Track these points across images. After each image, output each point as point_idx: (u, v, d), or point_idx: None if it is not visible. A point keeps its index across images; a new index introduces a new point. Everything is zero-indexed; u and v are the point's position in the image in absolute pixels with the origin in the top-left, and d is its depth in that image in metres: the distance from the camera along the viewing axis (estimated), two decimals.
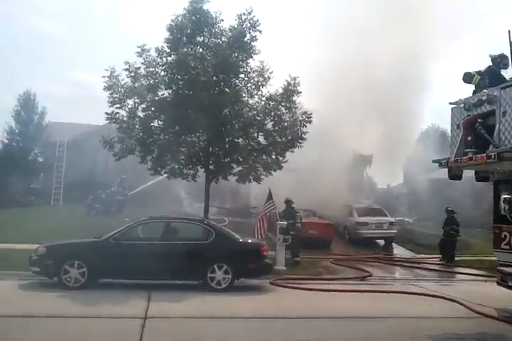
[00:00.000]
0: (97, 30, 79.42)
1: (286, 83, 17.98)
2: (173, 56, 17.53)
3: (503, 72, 10.64)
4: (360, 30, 25.47)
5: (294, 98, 18.01)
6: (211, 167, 18.07)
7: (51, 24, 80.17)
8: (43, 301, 10.46)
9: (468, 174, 11.45)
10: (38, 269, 12.13)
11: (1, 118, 62.39)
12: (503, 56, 10.62)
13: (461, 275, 16.58)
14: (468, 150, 10.25)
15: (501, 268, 10.65)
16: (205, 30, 17.84)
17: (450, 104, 11.33)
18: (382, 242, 23.20)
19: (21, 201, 32.32)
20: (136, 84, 17.74)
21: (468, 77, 10.94)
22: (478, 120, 10.20)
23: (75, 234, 14.03)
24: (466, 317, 10.09)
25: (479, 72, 10.84)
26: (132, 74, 17.72)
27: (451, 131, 11.32)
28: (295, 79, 17.99)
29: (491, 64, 10.76)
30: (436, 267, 17.98)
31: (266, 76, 18.16)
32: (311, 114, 17.83)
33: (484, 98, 10.07)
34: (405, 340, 8.35)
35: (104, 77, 17.58)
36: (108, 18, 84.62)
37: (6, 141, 39.55)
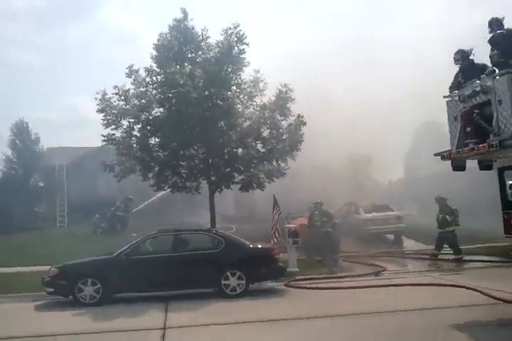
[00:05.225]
0: (84, 54, 79.16)
1: (278, 91, 18.07)
2: (162, 75, 17.56)
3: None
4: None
5: (288, 105, 18.08)
6: (213, 178, 18.12)
7: (31, 53, 80.00)
8: (61, 320, 10.55)
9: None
10: (52, 289, 12.29)
11: None
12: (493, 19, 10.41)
13: (475, 262, 16.49)
14: (468, 140, 10.30)
15: None
16: (192, 46, 17.90)
17: (444, 97, 11.37)
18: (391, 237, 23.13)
19: (28, 225, 32.31)
20: (128, 106, 17.80)
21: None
22: (475, 110, 10.27)
23: (83, 254, 14.05)
24: (485, 304, 10.00)
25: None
26: (122, 97, 17.78)
27: (449, 124, 11.35)
28: (286, 86, 18.09)
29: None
30: (448, 257, 17.87)
31: (260, 86, 18.27)
32: (303, 116, 17.90)
33: (478, 89, 10.13)
34: (428, 332, 8.25)
35: (96, 99, 17.68)
36: (96, 41, 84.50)
37: (5, 170, 39.94)
